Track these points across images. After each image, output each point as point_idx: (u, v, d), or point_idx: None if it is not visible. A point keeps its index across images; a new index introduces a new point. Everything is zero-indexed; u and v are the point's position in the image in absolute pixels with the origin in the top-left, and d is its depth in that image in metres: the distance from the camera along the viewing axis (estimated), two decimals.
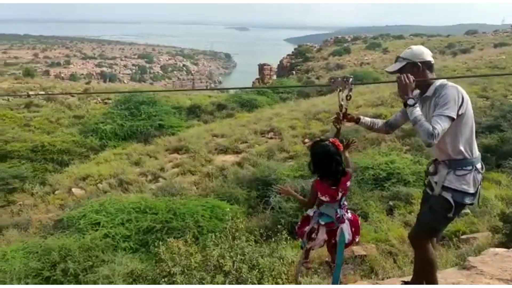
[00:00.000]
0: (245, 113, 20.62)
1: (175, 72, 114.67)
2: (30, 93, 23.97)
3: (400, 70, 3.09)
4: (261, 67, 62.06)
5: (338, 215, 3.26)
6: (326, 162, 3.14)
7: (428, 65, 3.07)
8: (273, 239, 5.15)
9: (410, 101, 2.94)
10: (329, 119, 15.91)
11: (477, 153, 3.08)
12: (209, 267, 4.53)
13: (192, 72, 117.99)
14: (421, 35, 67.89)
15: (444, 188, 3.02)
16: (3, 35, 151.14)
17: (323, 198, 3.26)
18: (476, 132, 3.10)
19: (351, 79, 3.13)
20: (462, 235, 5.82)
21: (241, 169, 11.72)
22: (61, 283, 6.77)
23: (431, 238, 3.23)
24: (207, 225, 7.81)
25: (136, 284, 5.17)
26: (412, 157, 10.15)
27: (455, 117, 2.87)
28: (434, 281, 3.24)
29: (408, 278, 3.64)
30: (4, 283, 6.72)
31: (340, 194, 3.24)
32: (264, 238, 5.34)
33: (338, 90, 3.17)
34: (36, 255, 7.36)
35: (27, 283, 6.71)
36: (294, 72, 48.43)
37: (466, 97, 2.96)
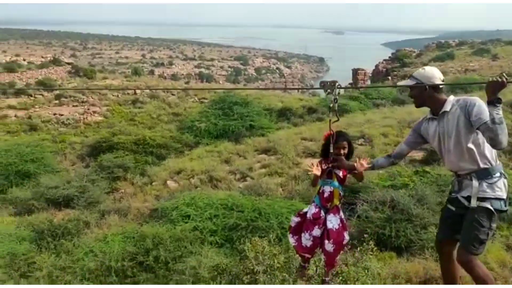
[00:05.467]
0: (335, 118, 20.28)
1: (268, 74, 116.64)
2: (137, 91, 26.06)
3: (409, 88, 3.39)
4: (355, 72, 60.61)
5: None
6: None
7: (435, 88, 3.24)
8: (358, 249, 5.02)
9: (499, 101, 2.99)
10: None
11: (498, 160, 3.16)
12: (292, 270, 4.54)
13: (285, 75, 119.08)
14: None
15: (480, 199, 3.05)
16: (116, 36, 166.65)
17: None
18: None
19: (337, 83, 3.40)
20: None
21: None
22: (153, 268, 7.27)
23: (480, 253, 3.21)
24: None
25: (221, 277, 5.35)
26: None
27: None
28: None
29: None
30: (103, 263, 7.39)
31: None
32: (349, 247, 5.22)
33: (327, 92, 3.43)
34: (132, 240, 7.99)
35: (123, 266, 7.32)
36: (390, 77, 46.51)
37: None
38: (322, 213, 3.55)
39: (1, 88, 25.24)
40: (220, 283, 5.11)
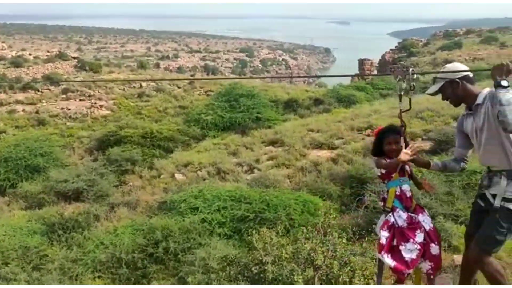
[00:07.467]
0: (342, 109, 20.24)
1: (274, 66, 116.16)
2: (143, 84, 26.12)
3: (441, 90, 3.20)
4: (361, 62, 60.17)
5: None
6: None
7: (466, 79, 3.13)
8: (366, 239, 5.05)
9: (504, 83, 2.83)
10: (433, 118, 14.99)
11: None
12: (300, 260, 4.59)
13: (291, 66, 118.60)
14: None
15: (505, 199, 2.96)
16: (121, 30, 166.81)
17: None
18: None
19: (411, 69, 3.15)
20: None
21: (336, 165, 11.57)
22: (163, 260, 7.37)
23: (495, 252, 3.14)
24: (299, 218, 7.89)
25: (230, 268, 5.42)
26: None
27: None
28: None
29: None
30: (114, 255, 7.49)
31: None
32: (357, 237, 5.26)
33: (398, 79, 3.19)
34: (142, 233, 8.09)
35: (133, 257, 7.42)
36: None
37: None
38: (413, 215, 3.25)
39: (9, 82, 25.41)
40: (229, 274, 5.17)
